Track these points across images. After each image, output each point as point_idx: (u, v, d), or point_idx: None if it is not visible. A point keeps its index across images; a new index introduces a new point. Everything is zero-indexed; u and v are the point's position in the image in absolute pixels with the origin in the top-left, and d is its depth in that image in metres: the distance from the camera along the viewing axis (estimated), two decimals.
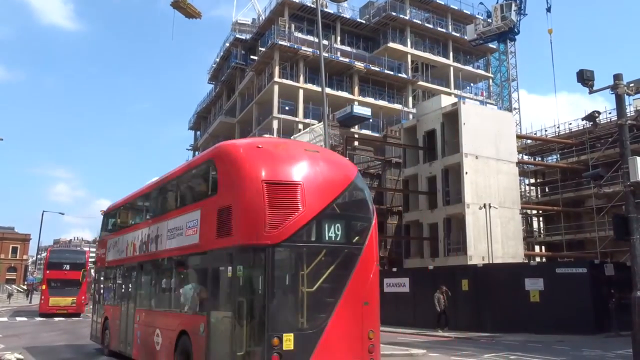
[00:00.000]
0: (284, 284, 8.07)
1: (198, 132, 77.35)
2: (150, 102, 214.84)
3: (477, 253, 30.35)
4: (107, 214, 16.84)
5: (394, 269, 28.17)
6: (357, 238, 8.73)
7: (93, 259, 26.83)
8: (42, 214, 52.81)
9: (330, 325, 7.74)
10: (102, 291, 15.91)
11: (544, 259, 39.82)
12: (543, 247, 43.27)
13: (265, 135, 44.48)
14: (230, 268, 8.15)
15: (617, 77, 9.46)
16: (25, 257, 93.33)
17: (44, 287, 31.72)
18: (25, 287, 71.00)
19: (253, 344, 7.54)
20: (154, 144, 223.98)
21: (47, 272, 31.58)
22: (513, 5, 51.00)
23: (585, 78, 9.61)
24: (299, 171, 8.25)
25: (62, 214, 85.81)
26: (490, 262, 28.93)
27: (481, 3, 54.38)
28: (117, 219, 15.85)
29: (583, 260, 29.65)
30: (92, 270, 34.08)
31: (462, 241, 31.38)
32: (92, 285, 22.22)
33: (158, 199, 12.61)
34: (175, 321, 9.87)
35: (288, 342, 7.38)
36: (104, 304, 15.20)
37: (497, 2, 51.73)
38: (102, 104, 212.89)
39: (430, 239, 33.55)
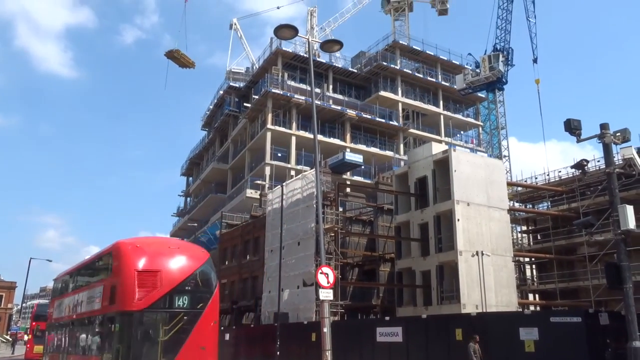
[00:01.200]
0: (146, 335, 12.48)
1: (190, 178, 77.38)
2: (143, 149, 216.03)
3: (470, 301, 29.96)
4: (55, 281, 21.24)
5: (387, 318, 27.64)
6: (200, 305, 12.96)
7: None
8: (30, 261, 52.12)
9: None
10: (48, 342, 19.79)
11: (538, 308, 39.35)
12: (537, 296, 42.85)
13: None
14: (114, 325, 12.50)
15: (604, 126, 9.61)
16: (10, 305, 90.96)
17: (30, 336, 34.63)
18: (9, 337, 68.95)
19: None
20: (145, 190, 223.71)
21: (34, 323, 34.10)
22: (500, 56, 52.47)
23: (572, 127, 9.76)
24: (159, 263, 12.93)
25: (50, 260, 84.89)
26: (484, 310, 28.52)
27: (469, 54, 56.05)
28: (60, 286, 20.08)
29: (577, 309, 29.31)
30: None
31: (455, 289, 31.02)
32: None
33: (81, 275, 17.13)
34: None
35: None
36: (49, 353, 19.23)
37: (485, 53, 53.21)
38: (95, 151, 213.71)
39: (423, 286, 33.16)
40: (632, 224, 8.93)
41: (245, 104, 54.48)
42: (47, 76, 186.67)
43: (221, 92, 61.87)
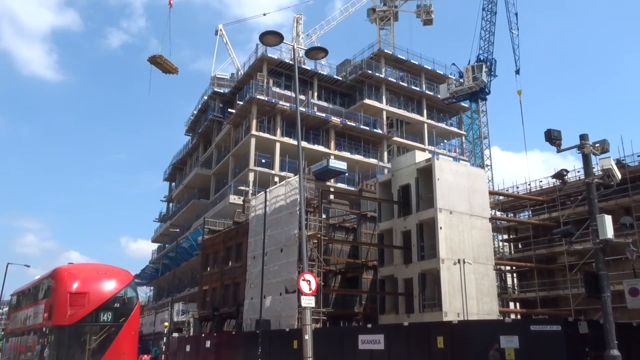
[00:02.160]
0: (77, 343, 15.55)
1: (173, 184, 76.82)
2: (125, 153, 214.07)
3: (452, 309, 30.09)
4: (12, 296, 23.44)
5: (369, 325, 27.66)
6: (122, 319, 16.28)
7: None
8: (7, 266, 51.12)
9: None
10: (9, 349, 21.48)
11: (518, 316, 39.66)
12: (517, 304, 43.18)
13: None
14: (51, 336, 15.68)
15: (583, 137, 9.77)
16: None
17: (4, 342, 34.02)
18: None
19: None
20: (127, 195, 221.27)
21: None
22: (484, 66, 53.10)
23: (553, 137, 9.89)
24: (88, 286, 16.36)
25: (28, 266, 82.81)
26: (466, 318, 28.66)
27: (453, 64, 56.45)
28: (15, 301, 22.56)
29: (557, 317, 29.60)
30: None
31: (437, 297, 31.13)
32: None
33: (30, 293, 20.12)
34: None
35: None
36: (7, 359, 21.55)
37: (469, 64, 53.79)
38: (77, 154, 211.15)
39: (405, 294, 33.23)
40: (610, 233, 9.06)
41: (229, 110, 54.34)
42: (30, 79, 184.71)
43: (205, 97, 61.66)
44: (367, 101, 53.93)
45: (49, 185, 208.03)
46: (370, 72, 54.43)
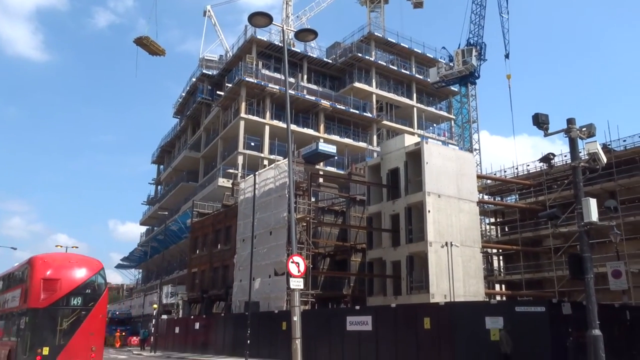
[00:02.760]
0: (49, 324, 17.09)
1: (161, 166, 76.44)
2: (112, 135, 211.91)
3: (439, 291, 30.49)
4: None
5: (357, 307, 27.96)
6: (90, 304, 17.85)
7: None
8: None
9: (70, 343, 17.14)
10: None
11: (504, 298, 40.27)
12: (503, 286, 43.83)
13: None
14: (26, 317, 17.13)
15: (570, 121, 9.88)
16: None
17: None
18: None
19: (29, 352, 16.81)
20: (115, 177, 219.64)
21: None
22: (474, 50, 53.10)
23: (540, 121, 10.00)
24: (60, 273, 17.88)
25: (14, 248, 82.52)
26: (452, 300, 29.07)
27: (443, 48, 56.35)
28: None
29: (541, 299, 30.12)
30: None
31: (424, 279, 31.51)
32: None
33: (9, 279, 21.74)
34: (8, 344, 18.95)
35: (45, 350, 16.72)
36: None
37: (459, 47, 53.75)
38: (63, 136, 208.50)
39: (393, 276, 33.57)
40: (595, 216, 9.23)
41: (218, 92, 53.96)
42: (16, 59, 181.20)
43: (194, 79, 61.10)
44: (356, 84, 53.80)
45: (35, 168, 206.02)
46: (360, 55, 54.21)
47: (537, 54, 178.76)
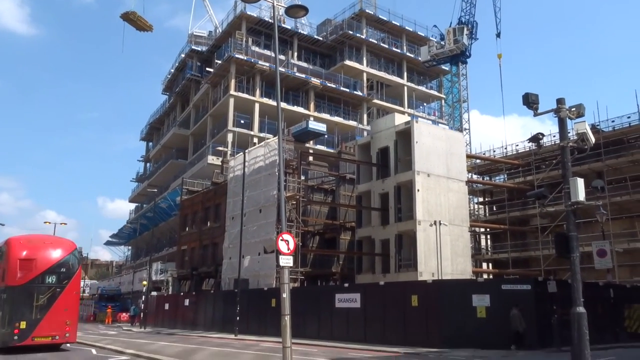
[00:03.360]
0: (26, 301, 18.40)
1: (150, 143, 75.86)
2: (100, 111, 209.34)
3: (427, 269, 30.83)
4: None
5: (346, 284, 28.22)
6: (64, 282, 19.23)
7: None
8: None
9: (46, 317, 18.51)
10: None
11: (490, 276, 40.85)
12: (490, 265, 44.41)
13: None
14: (4, 295, 18.65)
15: (560, 101, 9.89)
16: None
17: None
18: None
19: (7, 326, 18.19)
20: (103, 153, 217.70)
21: None
22: (465, 29, 52.82)
23: (530, 101, 10.01)
24: (35, 254, 19.20)
25: (2, 224, 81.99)
26: (440, 278, 29.42)
27: (435, 26, 56.04)
28: None
29: (527, 277, 30.55)
30: None
31: (413, 257, 31.82)
32: None
33: None
34: None
35: (22, 324, 18.07)
36: None
37: (450, 26, 53.43)
38: (50, 111, 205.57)
39: (382, 255, 33.86)
40: (582, 196, 9.32)
41: (207, 69, 53.33)
42: (1, 32, 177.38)
43: (183, 55, 60.31)
44: (347, 62, 53.43)
45: (23, 143, 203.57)
46: (351, 32, 53.73)
47: (528, 34, 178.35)
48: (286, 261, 13.60)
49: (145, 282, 41.60)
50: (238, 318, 28.07)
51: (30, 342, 18.16)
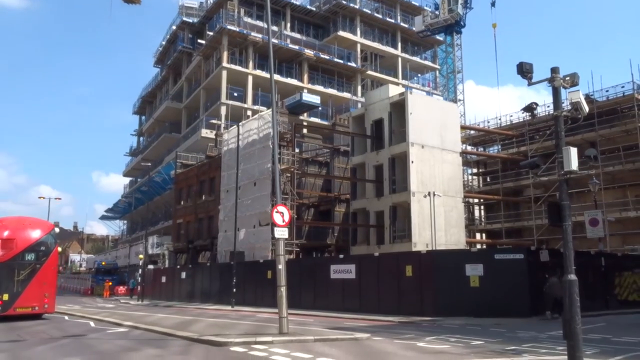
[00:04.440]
0: (7, 276, 20.13)
1: (143, 117, 75.26)
2: (91, 85, 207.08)
3: (421, 240, 31.11)
4: None
5: (341, 256, 28.47)
6: (43, 259, 21.16)
7: None
8: None
9: (26, 290, 20.35)
10: None
11: (484, 246, 41.31)
12: (484, 235, 44.85)
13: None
14: None
15: (554, 70, 9.84)
16: None
17: None
18: None
19: None
20: (96, 128, 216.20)
21: None
22: None
23: (524, 70, 9.95)
24: (16, 234, 21.01)
25: None
26: (434, 249, 29.72)
27: None
28: None
29: (520, 247, 30.90)
30: None
31: (407, 229, 32.07)
32: None
33: None
34: None
35: (5, 296, 19.88)
36: None
37: None
38: (41, 86, 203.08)
39: (376, 226, 34.10)
40: (575, 165, 9.36)
41: (199, 41, 52.58)
42: None
43: (174, 27, 59.40)
44: (341, 33, 52.80)
45: (15, 118, 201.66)
46: (344, 2, 52.96)
47: (523, 3, 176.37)
48: (281, 233, 13.70)
49: (141, 256, 41.83)
50: (234, 290, 28.37)
51: (13, 312, 20.10)
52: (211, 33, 48.98)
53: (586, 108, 9.79)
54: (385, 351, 10.92)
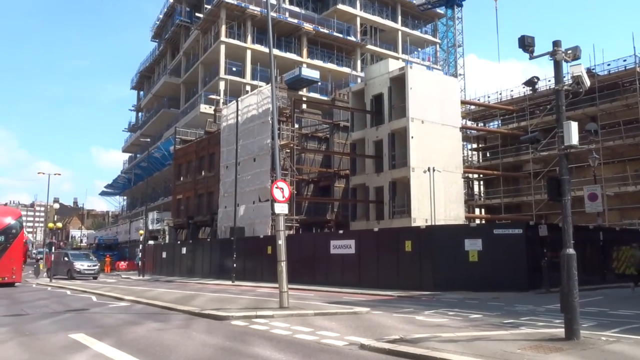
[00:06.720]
0: None
1: (141, 92, 74.75)
2: (88, 59, 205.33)
3: (420, 215, 31.21)
4: None
5: (341, 231, 28.59)
6: (12, 240, 25.49)
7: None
8: None
9: None
10: None
11: (483, 221, 41.47)
12: (483, 210, 44.98)
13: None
14: None
15: (556, 43, 9.70)
16: None
17: None
18: None
19: None
20: (94, 102, 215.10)
21: None
22: None
23: (526, 44, 9.80)
24: None
25: None
26: (433, 224, 29.84)
27: None
28: None
29: (519, 222, 31.02)
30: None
31: (406, 204, 32.14)
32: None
33: None
34: None
35: None
36: None
37: None
38: (38, 60, 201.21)
39: (376, 201, 34.17)
40: (575, 140, 9.29)
41: (197, 14, 51.95)
42: None
43: (171, 0, 58.58)
44: (340, 6, 52.12)
45: (12, 93, 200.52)
46: None
47: None
48: (281, 209, 13.71)
49: (142, 232, 42.00)
50: (234, 265, 28.57)
51: None
52: (209, 6, 48.34)
53: (588, 82, 9.68)
54: (385, 324, 11.04)
